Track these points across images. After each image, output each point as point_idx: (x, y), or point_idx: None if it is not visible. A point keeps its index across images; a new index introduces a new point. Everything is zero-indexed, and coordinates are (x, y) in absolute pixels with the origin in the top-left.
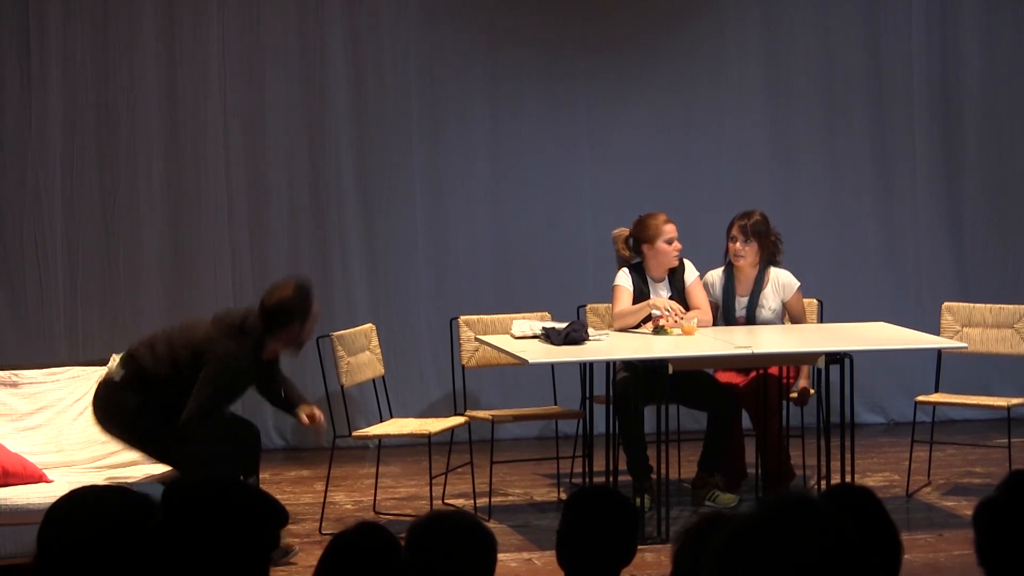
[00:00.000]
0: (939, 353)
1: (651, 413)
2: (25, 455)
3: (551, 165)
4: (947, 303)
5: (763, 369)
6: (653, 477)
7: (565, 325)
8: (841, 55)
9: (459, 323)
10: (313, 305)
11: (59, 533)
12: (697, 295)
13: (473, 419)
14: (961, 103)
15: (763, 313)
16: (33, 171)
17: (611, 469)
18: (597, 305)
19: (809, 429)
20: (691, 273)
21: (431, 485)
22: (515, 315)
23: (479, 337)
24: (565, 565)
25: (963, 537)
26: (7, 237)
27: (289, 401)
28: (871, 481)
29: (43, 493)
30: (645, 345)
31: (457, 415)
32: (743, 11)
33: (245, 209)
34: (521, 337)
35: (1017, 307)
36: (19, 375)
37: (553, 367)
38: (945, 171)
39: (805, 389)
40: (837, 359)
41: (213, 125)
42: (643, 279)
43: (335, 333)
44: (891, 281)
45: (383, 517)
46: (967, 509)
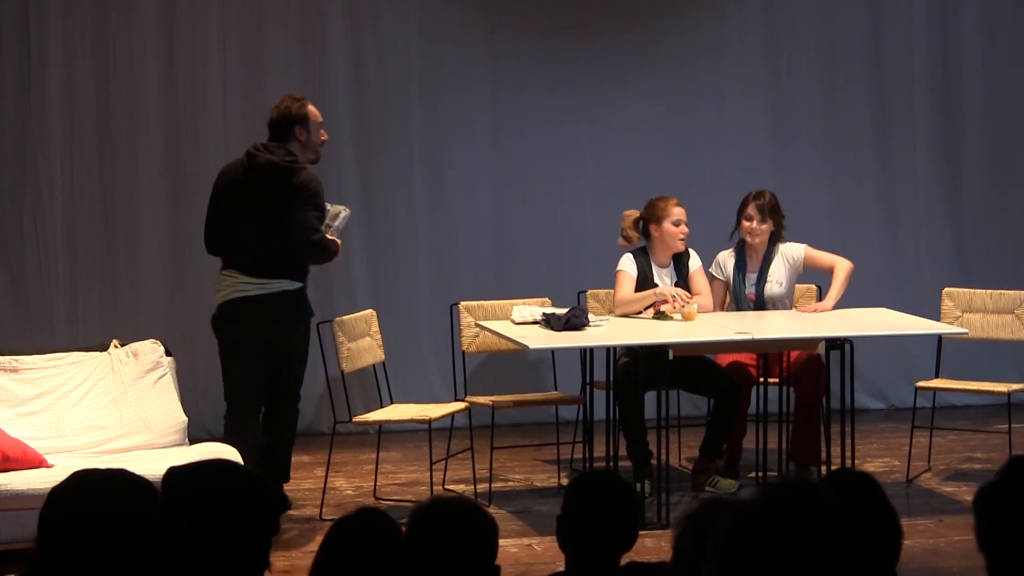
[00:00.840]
0: (939, 339)
1: (651, 399)
2: (25, 440)
3: (551, 149)
4: (947, 288)
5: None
6: (653, 463)
7: (566, 311)
8: (841, 37)
9: (459, 309)
10: (308, 106)
11: (60, 517)
12: (699, 283)
13: (473, 405)
14: (962, 86)
15: (772, 288)
16: (33, 157)
17: (611, 455)
18: (598, 291)
19: None
20: (695, 261)
21: (431, 471)
22: (515, 301)
23: (479, 323)
24: (566, 550)
25: (963, 523)
26: (7, 223)
27: None
28: (871, 467)
29: (43, 478)
30: (646, 331)
31: (457, 401)
32: None
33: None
34: (521, 323)
35: (1018, 292)
36: (19, 360)
37: (553, 353)
38: (945, 155)
39: None
40: (837, 345)
41: (213, 109)
42: (648, 264)
43: (336, 319)
44: (891, 266)
45: (383, 503)
46: (967, 495)
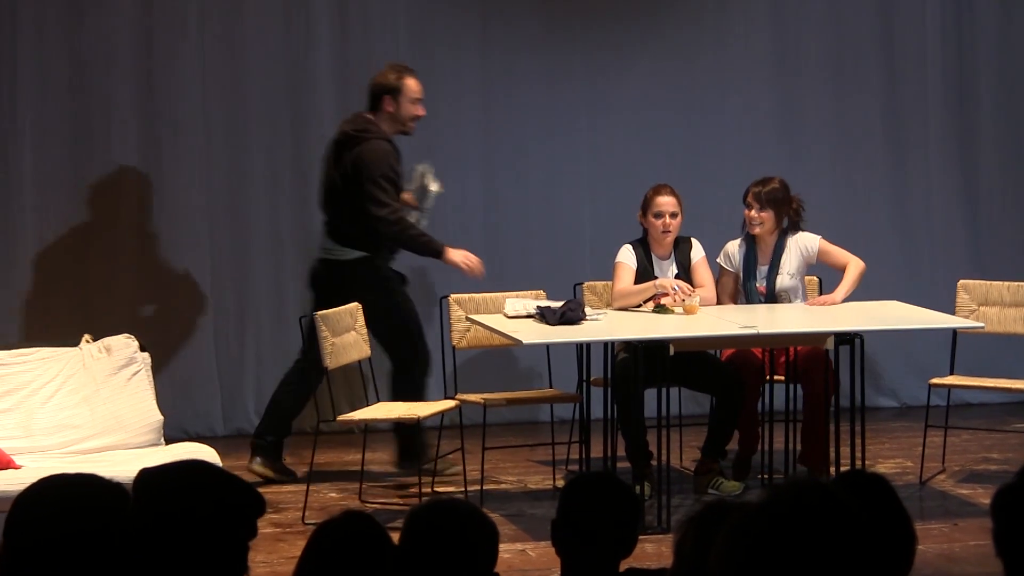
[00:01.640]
0: (954, 333)
1: (651, 396)
2: None
3: (547, 137)
4: (963, 280)
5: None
6: (653, 463)
7: (561, 304)
8: (852, 22)
9: (449, 302)
10: (406, 79)
11: (27, 522)
12: (702, 274)
13: (464, 403)
14: (977, 70)
15: (784, 280)
16: (3, 148)
17: (609, 455)
18: (595, 283)
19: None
20: (698, 251)
21: (420, 472)
22: (508, 293)
23: (470, 317)
24: (562, 555)
25: (979, 526)
26: None
27: None
28: (883, 468)
29: (11, 480)
30: (645, 325)
31: (448, 399)
32: None
33: (224, 183)
34: (515, 317)
35: None
36: None
37: (548, 348)
38: (960, 141)
39: None
40: (847, 339)
41: (191, 95)
42: (647, 255)
43: (319, 312)
44: (904, 258)
45: (369, 506)
46: (984, 497)
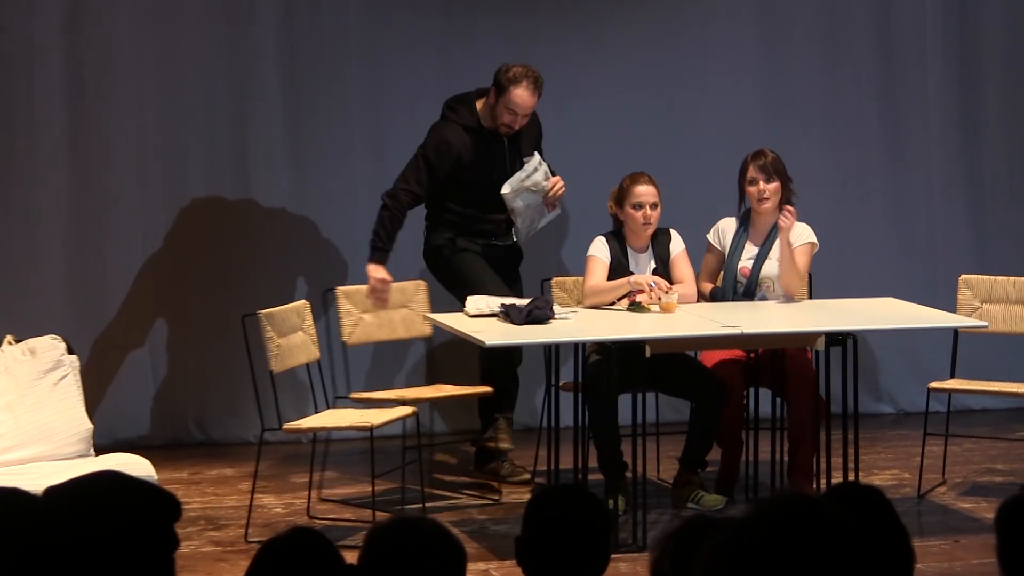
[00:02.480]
0: (955, 333)
1: (626, 402)
2: None
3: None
4: (964, 275)
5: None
6: (628, 475)
7: (527, 301)
8: None
9: (337, 294)
10: (514, 86)
11: None
12: (681, 269)
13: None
14: (980, 47)
15: (771, 266)
16: None
17: (580, 466)
18: (564, 279)
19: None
20: (677, 244)
21: (374, 485)
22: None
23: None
24: (528, 575)
25: (982, 543)
26: None
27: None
28: (878, 480)
29: None
30: (619, 324)
31: (405, 405)
32: None
33: (159, 168)
34: (477, 315)
35: None
36: None
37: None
38: (962, 125)
39: None
40: (839, 340)
41: (124, 78)
42: (622, 248)
43: (262, 311)
44: (900, 250)
45: (318, 522)
46: (988, 511)
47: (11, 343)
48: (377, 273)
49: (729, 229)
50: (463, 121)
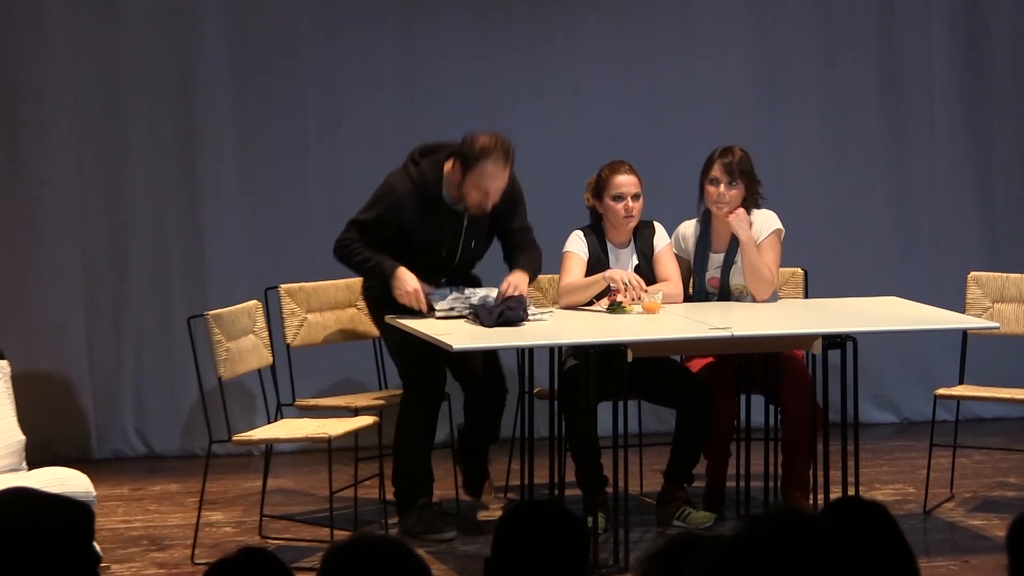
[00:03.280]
0: (964, 335)
1: (606, 411)
2: None
3: (478, 105)
4: (974, 273)
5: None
6: (608, 491)
7: (494, 295)
8: None
9: (280, 293)
10: (480, 161)
11: None
12: (666, 265)
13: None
14: (989, 25)
15: (739, 272)
16: None
17: (556, 481)
18: (538, 276)
19: None
20: (662, 238)
21: (331, 501)
22: (335, 282)
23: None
24: None
25: (993, 563)
26: None
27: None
28: (881, 495)
29: None
30: (598, 326)
31: (365, 415)
32: None
33: (97, 156)
34: (445, 316)
35: None
36: None
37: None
38: (970, 109)
39: None
40: (837, 342)
41: (58, 67)
42: (602, 244)
43: (210, 312)
44: (904, 246)
45: (271, 542)
46: (999, 529)
47: None
48: (407, 277)
49: (691, 235)
50: (421, 180)
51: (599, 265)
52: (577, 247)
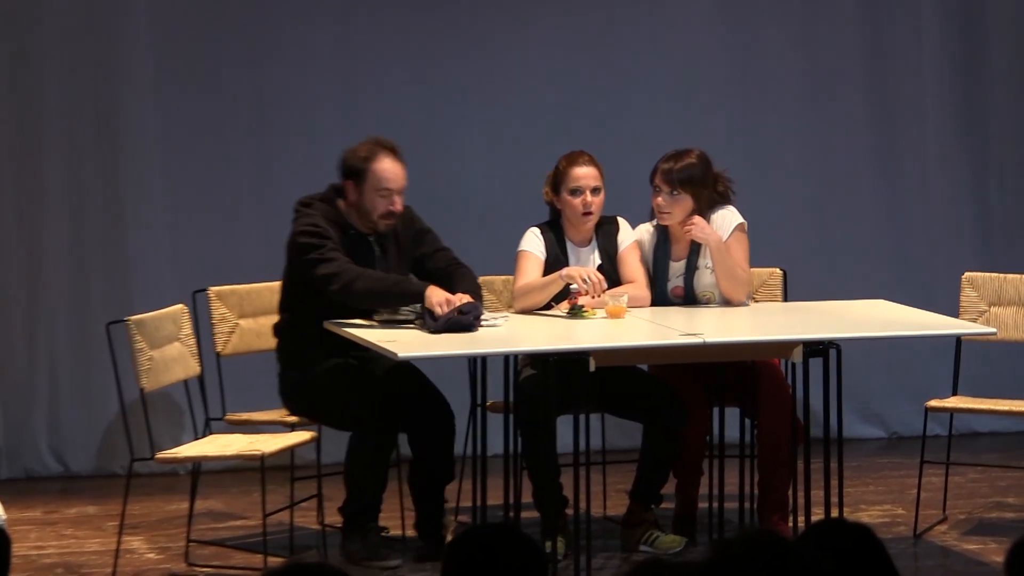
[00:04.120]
0: (958, 342)
1: (566, 425)
2: None
3: (425, 90)
4: (968, 273)
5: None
6: (569, 512)
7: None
8: None
9: (209, 296)
10: (371, 162)
11: None
12: (632, 265)
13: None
14: (986, 7)
15: (703, 276)
16: None
17: (511, 502)
18: (492, 277)
19: None
20: (627, 235)
21: (265, 524)
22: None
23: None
24: None
25: None
26: None
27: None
28: (867, 516)
29: None
30: (558, 332)
31: (301, 431)
32: None
33: (6, 144)
34: (389, 320)
35: None
36: None
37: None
38: (964, 94)
39: None
40: (819, 350)
41: None
42: (560, 242)
43: (131, 318)
44: (892, 244)
45: (198, 570)
46: (996, 554)
47: None
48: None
49: (647, 240)
50: (326, 214)
51: (557, 265)
52: (533, 245)
